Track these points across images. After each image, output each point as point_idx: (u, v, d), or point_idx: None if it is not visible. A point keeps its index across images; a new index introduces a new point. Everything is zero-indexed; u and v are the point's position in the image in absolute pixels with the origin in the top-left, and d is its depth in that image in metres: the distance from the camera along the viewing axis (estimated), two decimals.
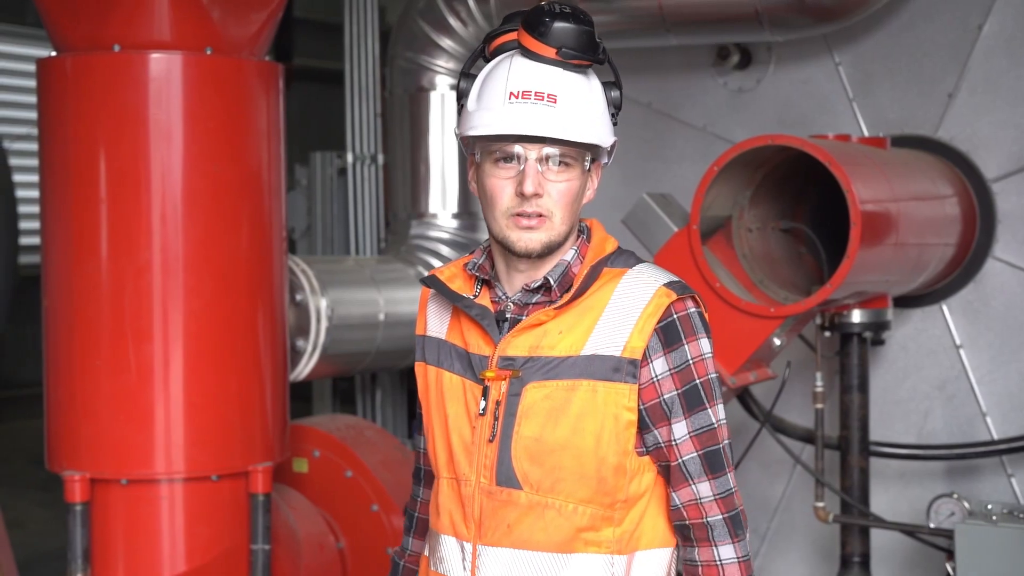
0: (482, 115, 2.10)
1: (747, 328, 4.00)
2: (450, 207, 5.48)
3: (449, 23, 5.34)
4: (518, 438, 2.11)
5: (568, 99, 2.09)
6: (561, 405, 2.10)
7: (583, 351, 2.10)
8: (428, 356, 2.24)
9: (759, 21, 4.72)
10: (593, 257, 2.18)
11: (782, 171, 4.31)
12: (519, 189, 2.08)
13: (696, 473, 2.12)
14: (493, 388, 2.13)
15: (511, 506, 2.11)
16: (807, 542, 5.01)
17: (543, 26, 2.09)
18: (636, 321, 2.09)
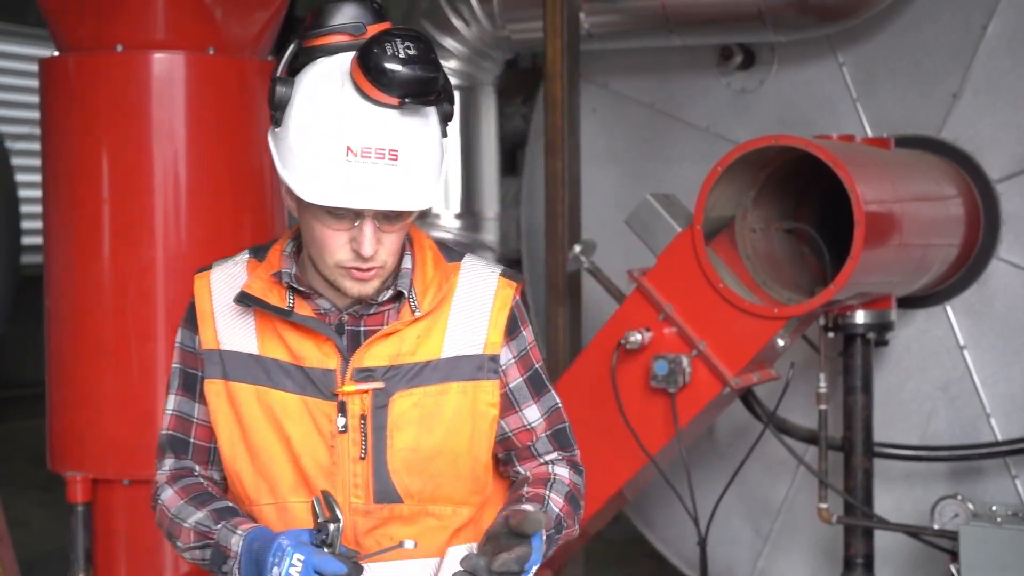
0: (315, 171, 1.91)
1: (750, 329, 4.00)
2: (453, 207, 5.48)
3: (452, 23, 5.34)
4: (393, 451, 2.03)
5: (408, 153, 1.92)
6: (432, 411, 2.05)
7: (444, 353, 2.05)
8: (232, 373, 2.07)
9: (762, 21, 4.71)
10: (433, 258, 2.10)
11: (785, 171, 4.30)
12: (355, 247, 1.96)
13: (546, 451, 2.18)
14: (352, 403, 2.02)
15: (395, 521, 2.05)
16: (810, 543, 5.00)
17: (387, 75, 1.88)
18: (489, 316, 2.07)
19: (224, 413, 2.08)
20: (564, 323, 4.67)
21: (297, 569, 1.89)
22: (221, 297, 2.10)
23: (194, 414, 2.14)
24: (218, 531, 2.03)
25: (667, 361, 4.03)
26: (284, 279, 2.06)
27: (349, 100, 1.91)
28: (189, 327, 2.13)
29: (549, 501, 2.10)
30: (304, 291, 2.06)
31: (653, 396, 4.11)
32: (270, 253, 2.11)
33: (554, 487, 2.13)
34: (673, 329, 4.10)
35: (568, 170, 4.69)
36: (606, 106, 5.39)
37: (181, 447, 2.16)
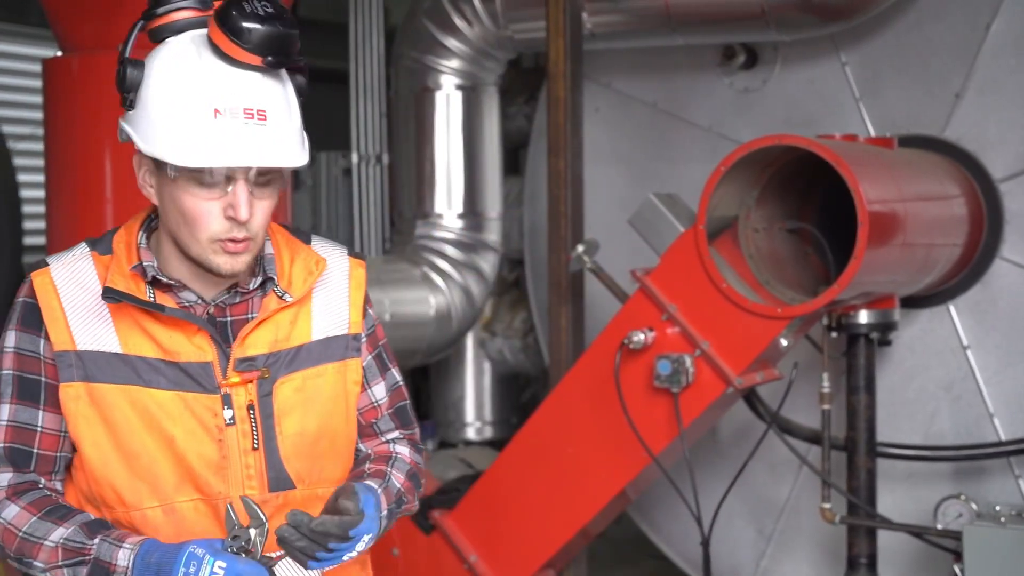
0: (184, 135, 1.88)
1: (754, 329, 3.99)
2: (455, 207, 5.48)
3: (455, 23, 5.33)
4: (283, 438, 2.03)
5: (276, 113, 1.92)
6: (312, 394, 2.06)
7: (314, 336, 2.06)
8: (94, 375, 1.98)
9: (766, 21, 4.71)
10: (286, 241, 2.10)
11: (789, 171, 4.30)
12: (229, 213, 1.92)
13: (387, 429, 2.19)
14: (237, 394, 2.00)
15: (288, 507, 2.01)
16: (813, 543, 4.99)
17: (247, 34, 1.87)
18: (348, 296, 2.10)
19: (87, 418, 1.98)
20: (567, 323, 4.67)
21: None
22: (69, 295, 2.00)
23: (37, 423, 2.01)
24: (96, 546, 1.94)
25: (670, 361, 4.03)
26: (149, 272, 2.00)
27: (211, 65, 1.90)
28: (28, 329, 2.01)
29: (391, 477, 2.12)
30: (170, 283, 2.01)
31: (656, 396, 4.11)
32: (118, 245, 2.03)
33: (395, 464, 2.16)
34: (676, 329, 4.09)
35: (571, 170, 4.69)
36: (609, 106, 5.38)
37: (22, 459, 2.01)
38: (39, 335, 2.00)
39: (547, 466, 4.32)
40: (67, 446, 2.03)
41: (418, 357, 5.31)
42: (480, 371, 6.10)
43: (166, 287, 2.01)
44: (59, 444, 2.02)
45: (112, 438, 1.98)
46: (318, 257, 2.09)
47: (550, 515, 4.33)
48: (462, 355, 6.02)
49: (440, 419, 6.01)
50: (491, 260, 5.54)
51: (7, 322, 2.03)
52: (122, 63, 1.94)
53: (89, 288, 1.99)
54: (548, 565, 4.45)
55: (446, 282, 5.32)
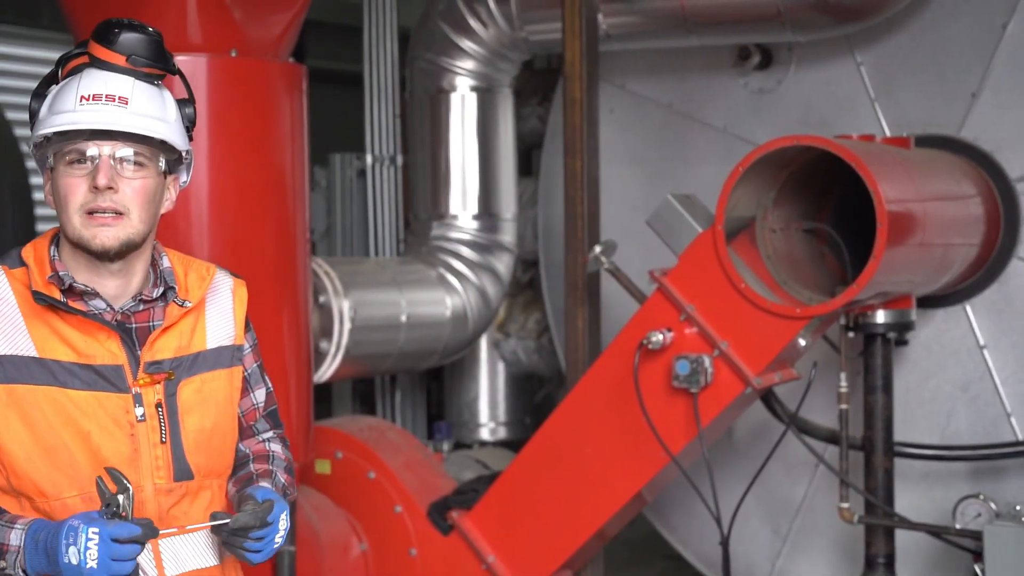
0: (52, 118, 2.17)
1: (773, 329, 4.00)
2: (470, 208, 5.48)
3: (469, 24, 5.34)
4: (186, 433, 2.24)
5: (139, 102, 2.18)
6: (209, 396, 2.29)
7: (208, 344, 2.30)
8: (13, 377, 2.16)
9: (781, 21, 4.71)
10: (179, 257, 2.34)
11: (805, 171, 4.30)
12: (92, 184, 2.14)
13: (264, 429, 2.45)
14: (147, 394, 2.21)
15: (188, 496, 2.25)
16: (829, 543, 4.99)
17: (111, 36, 2.18)
18: (233, 311, 2.36)
19: (7, 417, 2.15)
20: (584, 324, 4.67)
21: (95, 542, 2.02)
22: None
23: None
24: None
25: (689, 361, 4.04)
26: (66, 280, 2.18)
27: (90, 72, 2.19)
28: None
29: (276, 474, 2.38)
30: (83, 290, 2.19)
31: (675, 396, 4.11)
32: (28, 258, 2.21)
33: (275, 462, 2.41)
34: (694, 329, 4.10)
35: (587, 170, 4.69)
36: (623, 107, 5.39)
37: None
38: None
39: (565, 467, 4.32)
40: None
41: (434, 358, 5.32)
42: (494, 372, 6.10)
43: (79, 296, 2.20)
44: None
45: (32, 435, 2.15)
46: (208, 265, 2.35)
47: (568, 515, 4.33)
48: (476, 356, 6.03)
49: (454, 420, 6.02)
50: (506, 261, 5.55)
51: None
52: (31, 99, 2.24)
53: (3, 299, 2.18)
54: (566, 566, 4.45)
55: (462, 283, 5.33)
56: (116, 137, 2.15)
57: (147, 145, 2.18)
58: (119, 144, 2.16)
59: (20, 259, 2.23)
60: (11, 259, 2.23)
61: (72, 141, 2.15)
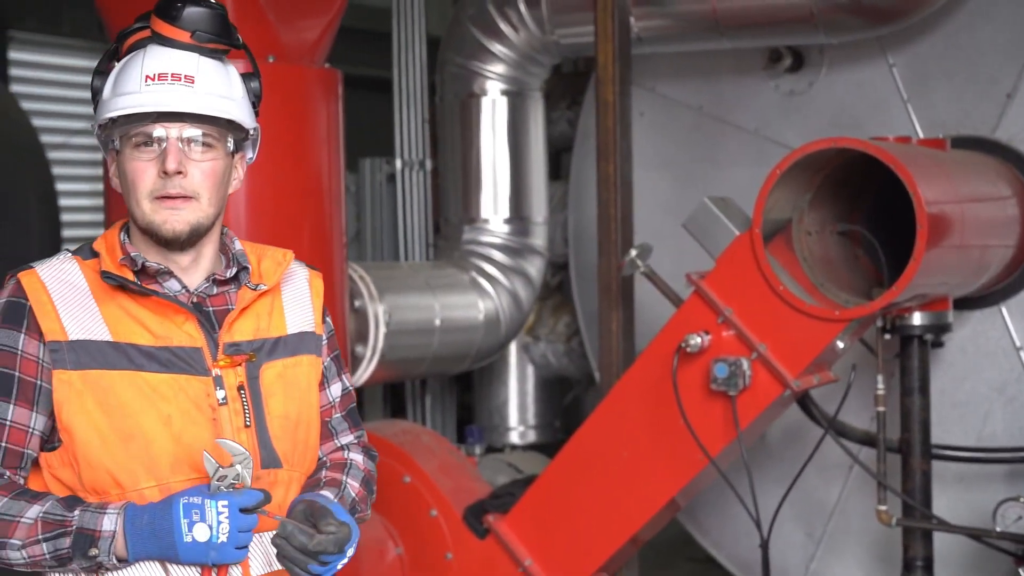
0: (117, 100, 2.09)
1: (811, 331, 3.99)
2: (502, 212, 5.49)
3: (500, 28, 5.34)
4: (271, 419, 2.14)
5: (206, 81, 2.11)
6: (293, 381, 2.18)
7: (289, 329, 2.20)
8: (87, 362, 2.06)
9: (814, 24, 4.71)
10: (252, 247, 2.25)
11: (840, 173, 4.30)
12: (161, 168, 2.06)
13: (342, 429, 2.31)
14: (227, 376, 2.11)
15: (278, 486, 2.14)
16: (863, 545, 4.98)
17: (175, 11, 2.10)
18: (311, 300, 2.26)
19: (78, 404, 2.05)
20: (618, 327, 4.67)
21: (225, 515, 1.96)
22: (57, 291, 2.09)
23: (7, 416, 2.07)
24: (77, 516, 2.01)
25: (727, 364, 4.03)
26: (139, 261, 2.11)
27: (152, 50, 2.12)
28: (8, 326, 2.08)
29: (346, 486, 2.22)
30: (157, 269, 2.12)
31: (712, 399, 4.11)
32: (100, 247, 2.14)
33: (350, 472, 2.26)
34: (732, 332, 4.09)
35: (620, 174, 4.69)
36: (654, 110, 5.39)
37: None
38: (19, 331, 2.07)
39: (602, 470, 4.32)
40: (34, 443, 2.08)
41: (467, 362, 5.32)
42: (523, 375, 6.10)
43: (152, 279, 2.12)
44: (27, 439, 2.07)
45: (107, 422, 2.05)
46: (285, 251, 2.26)
47: (605, 519, 4.33)
48: (505, 360, 6.03)
49: (484, 424, 6.02)
50: (538, 264, 5.55)
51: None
52: (92, 77, 2.16)
53: (76, 286, 2.10)
54: (602, 569, 4.45)
55: (494, 287, 5.33)
56: (184, 118, 2.08)
57: (215, 125, 2.11)
58: (187, 125, 2.08)
59: (92, 251, 2.15)
60: (83, 251, 2.16)
61: (138, 123, 2.07)
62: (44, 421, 2.08)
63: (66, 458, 2.07)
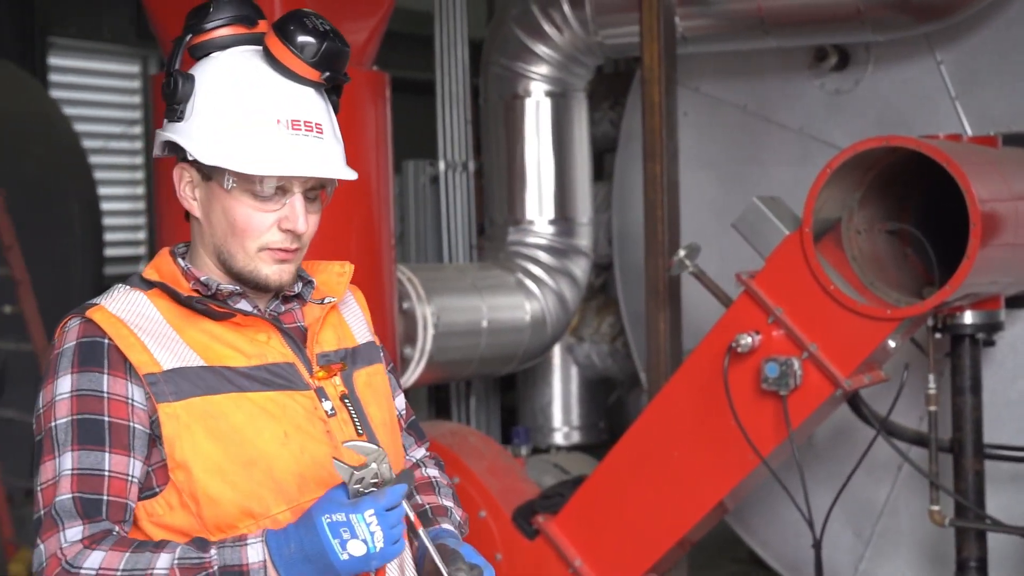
0: (246, 144, 1.90)
1: (863, 331, 3.97)
2: (547, 213, 5.49)
3: (544, 29, 5.35)
4: (376, 426, 2.05)
5: (328, 129, 1.96)
6: (379, 389, 2.11)
7: (359, 340, 2.13)
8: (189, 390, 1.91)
9: (861, 21, 4.69)
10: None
11: (889, 172, 4.27)
12: (286, 226, 1.93)
13: (409, 444, 2.23)
14: (328, 387, 2.01)
15: None
16: (913, 546, 4.95)
17: (308, 47, 1.91)
18: (361, 310, 2.18)
19: (190, 437, 1.89)
20: (665, 328, 4.66)
21: (375, 522, 1.82)
22: (134, 322, 1.93)
23: (105, 466, 1.87)
24: (215, 555, 1.83)
25: (778, 364, 4.02)
26: (212, 285, 1.97)
27: (271, 77, 1.93)
28: (88, 368, 1.90)
29: (452, 512, 2.15)
30: (231, 291, 1.98)
31: (763, 399, 4.09)
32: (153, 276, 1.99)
33: (442, 492, 2.19)
34: (782, 331, 4.08)
35: (667, 174, 4.68)
36: (697, 110, 5.38)
37: (92, 508, 1.86)
38: (102, 371, 1.90)
39: (651, 470, 4.31)
40: (134, 493, 1.90)
41: (513, 363, 5.33)
42: (567, 376, 6.10)
43: (223, 302, 1.98)
44: (127, 489, 1.89)
45: (223, 451, 1.90)
46: (341, 263, 2.16)
47: (655, 519, 4.32)
48: (550, 361, 6.04)
49: (528, 424, 6.03)
50: (583, 265, 5.56)
51: (54, 373, 1.92)
52: (171, 75, 1.94)
53: (148, 316, 1.95)
54: (651, 570, 4.44)
55: (540, 288, 5.34)
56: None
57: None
58: (311, 179, 1.95)
59: (145, 282, 1.99)
60: (137, 283, 2.00)
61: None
62: (141, 467, 1.91)
63: (180, 499, 1.90)
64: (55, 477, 1.87)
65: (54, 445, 1.88)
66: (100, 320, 1.92)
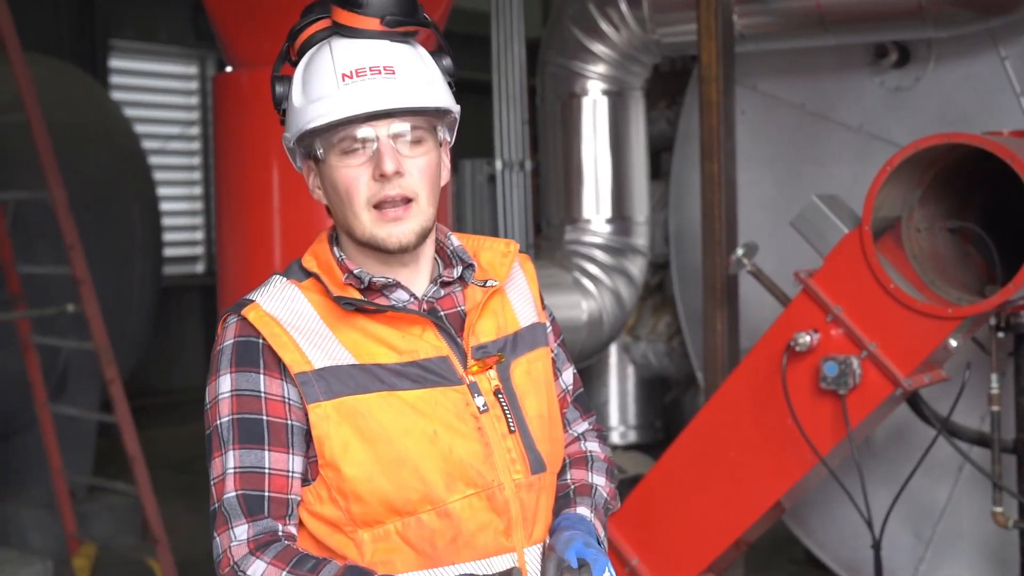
0: (315, 106, 1.92)
1: (923, 330, 3.93)
2: (604, 212, 5.49)
3: (601, 28, 5.35)
4: (530, 420, 2.01)
5: (405, 69, 1.92)
6: (538, 377, 2.05)
7: (521, 323, 2.06)
8: (339, 389, 1.92)
9: (922, 17, 4.64)
10: (465, 239, 2.11)
11: (951, 169, 4.23)
12: (377, 172, 1.90)
13: (574, 418, 2.18)
14: (481, 381, 1.97)
15: (545, 491, 2.02)
16: (975, 547, 4.90)
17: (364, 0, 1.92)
18: (529, 287, 2.11)
19: (340, 436, 1.91)
20: (723, 327, 4.64)
21: None
22: (288, 321, 1.95)
23: (264, 464, 1.93)
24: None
25: (837, 362, 3.99)
26: (365, 278, 1.97)
27: (339, 44, 1.94)
28: (245, 368, 1.94)
29: (596, 489, 2.11)
30: (384, 283, 1.98)
31: (821, 398, 4.07)
32: (312, 266, 2.01)
33: (595, 467, 2.15)
34: (841, 330, 4.05)
35: (724, 173, 4.67)
36: (755, 108, 5.35)
37: (255, 505, 1.92)
38: (258, 371, 1.94)
39: (708, 470, 4.30)
40: (296, 487, 1.95)
41: None
42: (624, 375, 6.10)
43: (379, 293, 1.98)
44: (288, 485, 1.94)
45: (372, 451, 1.91)
46: (506, 240, 2.11)
47: (712, 519, 4.31)
48: (606, 360, 6.04)
49: None
50: (639, 264, 5.55)
51: (215, 371, 1.97)
52: (273, 82, 2.00)
53: (302, 313, 1.96)
54: (708, 570, 4.43)
55: (597, 287, 5.34)
56: (391, 114, 1.90)
57: (423, 116, 1.93)
58: (394, 121, 1.91)
59: (303, 270, 2.01)
60: (295, 272, 2.02)
61: (342, 127, 1.91)
62: (302, 462, 1.95)
63: (329, 494, 1.94)
64: (223, 474, 1.93)
65: (221, 443, 1.94)
66: (254, 320, 1.94)
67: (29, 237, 6.24)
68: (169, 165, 11.04)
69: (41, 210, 5.82)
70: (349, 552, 1.95)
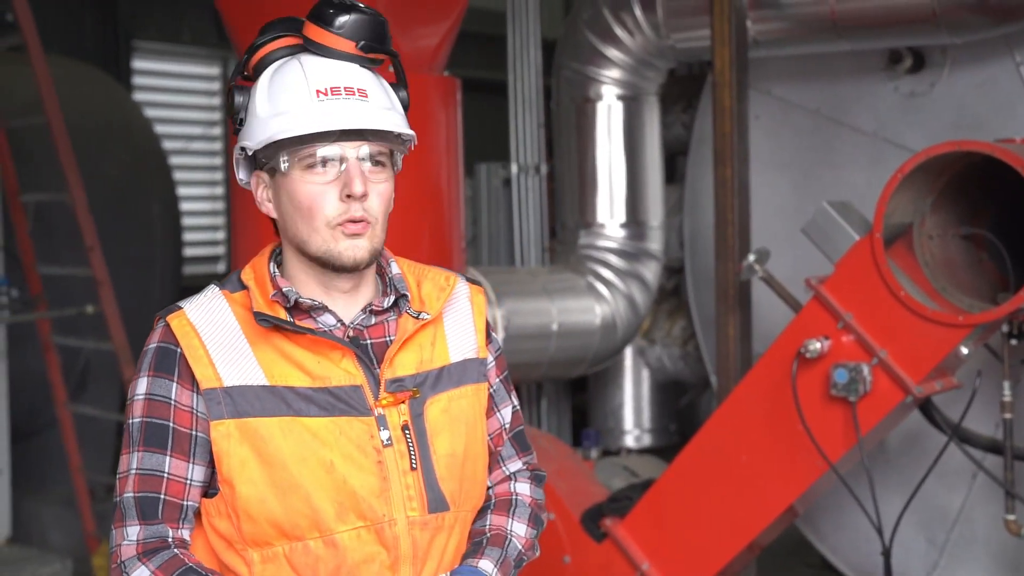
0: (284, 119, 1.92)
1: (935, 337, 3.93)
2: (618, 216, 5.50)
3: (615, 33, 5.35)
4: (437, 458, 2.01)
5: (376, 93, 1.96)
6: (457, 415, 2.04)
7: (452, 358, 2.06)
8: (245, 410, 1.94)
9: (936, 23, 4.63)
10: (411, 267, 2.11)
11: (963, 176, 4.23)
12: (345, 192, 1.92)
13: (509, 456, 2.17)
14: (391, 415, 1.98)
15: (443, 531, 2.02)
16: (988, 554, 4.89)
17: (338, 19, 1.95)
18: (474, 321, 2.10)
19: (240, 455, 1.94)
20: (735, 332, 4.65)
21: None
22: (208, 334, 1.97)
23: (164, 469, 1.97)
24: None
25: (847, 369, 3.99)
26: (291, 297, 1.98)
27: (310, 61, 1.96)
28: (160, 374, 1.97)
29: (511, 539, 2.10)
30: (310, 305, 1.99)
31: (832, 405, 4.08)
32: (248, 280, 2.02)
33: (517, 513, 2.14)
34: (852, 337, 4.05)
35: (738, 178, 4.67)
36: (769, 113, 5.35)
37: (150, 508, 1.97)
38: (171, 379, 1.97)
39: (720, 475, 4.31)
40: (194, 495, 1.99)
41: (583, 366, 5.35)
42: (638, 379, 6.11)
43: (305, 314, 2.00)
44: (185, 491, 1.98)
45: (267, 473, 1.94)
46: (447, 274, 2.12)
47: (723, 524, 4.32)
48: (621, 363, 6.05)
49: (599, 427, 6.05)
50: (654, 269, 5.56)
51: (137, 371, 2.01)
52: (228, 92, 2.02)
53: (226, 326, 1.98)
54: (720, 574, 4.44)
55: (611, 291, 5.35)
56: (364, 135, 1.92)
57: (386, 142, 1.96)
58: (364, 143, 1.93)
59: (240, 282, 2.02)
60: (231, 283, 2.04)
61: (312, 143, 1.92)
62: (203, 471, 1.98)
63: (224, 509, 1.97)
64: (127, 472, 2.00)
65: (130, 441, 2.00)
66: (176, 328, 1.98)
67: (52, 238, 6.30)
68: (191, 165, 11.10)
69: (63, 211, 5.88)
70: (240, 569, 1.98)
